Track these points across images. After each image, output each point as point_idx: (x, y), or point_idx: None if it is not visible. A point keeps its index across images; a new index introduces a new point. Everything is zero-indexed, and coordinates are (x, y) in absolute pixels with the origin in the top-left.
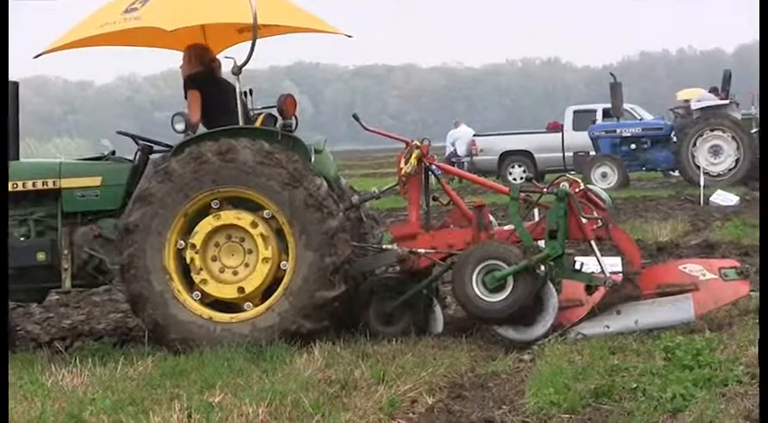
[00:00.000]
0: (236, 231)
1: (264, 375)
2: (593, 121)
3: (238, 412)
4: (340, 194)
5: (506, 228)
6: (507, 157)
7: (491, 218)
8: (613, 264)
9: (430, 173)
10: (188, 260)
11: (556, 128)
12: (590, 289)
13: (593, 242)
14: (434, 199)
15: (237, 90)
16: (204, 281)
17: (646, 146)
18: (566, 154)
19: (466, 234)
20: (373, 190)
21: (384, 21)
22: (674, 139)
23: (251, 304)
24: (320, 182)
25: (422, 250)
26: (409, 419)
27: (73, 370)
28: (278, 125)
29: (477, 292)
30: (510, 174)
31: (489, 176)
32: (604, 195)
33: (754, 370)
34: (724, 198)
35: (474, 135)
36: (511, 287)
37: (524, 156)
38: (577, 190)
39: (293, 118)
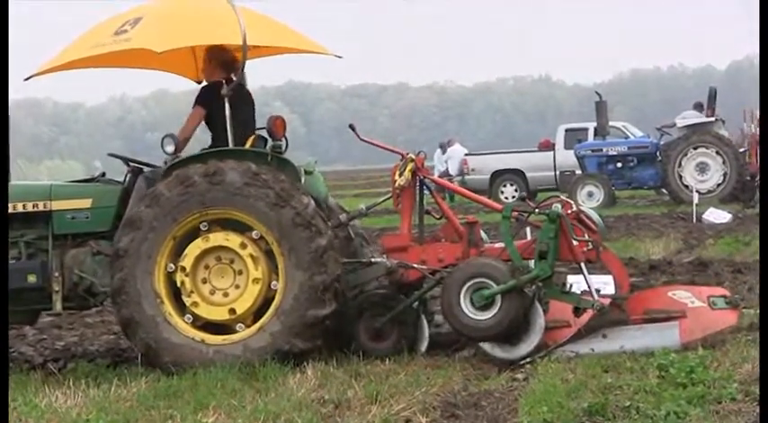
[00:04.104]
0: (225, 253)
1: (258, 395)
2: (581, 140)
3: None
4: (329, 214)
5: (497, 245)
6: (499, 176)
7: (483, 234)
8: (606, 281)
9: (424, 186)
10: (178, 283)
11: (547, 146)
12: (578, 311)
13: (582, 264)
14: (427, 212)
15: (227, 112)
16: (195, 303)
17: (632, 164)
18: (557, 173)
19: (456, 249)
20: (360, 207)
21: (375, 40)
22: (660, 157)
23: (243, 325)
24: (308, 201)
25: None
26: None
27: (66, 391)
28: (268, 147)
29: (465, 310)
30: (502, 193)
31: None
32: (596, 218)
33: (747, 387)
34: (717, 215)
35: (466, 154)
36: (498, 306)
37: (516, 175)
38: (569, 211)
39: (283, 139)
